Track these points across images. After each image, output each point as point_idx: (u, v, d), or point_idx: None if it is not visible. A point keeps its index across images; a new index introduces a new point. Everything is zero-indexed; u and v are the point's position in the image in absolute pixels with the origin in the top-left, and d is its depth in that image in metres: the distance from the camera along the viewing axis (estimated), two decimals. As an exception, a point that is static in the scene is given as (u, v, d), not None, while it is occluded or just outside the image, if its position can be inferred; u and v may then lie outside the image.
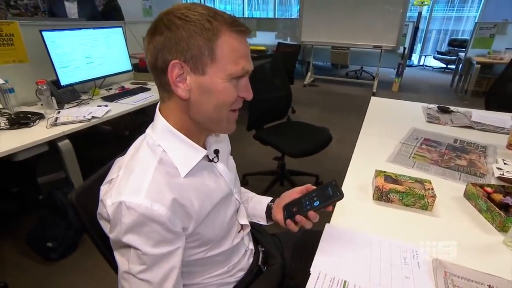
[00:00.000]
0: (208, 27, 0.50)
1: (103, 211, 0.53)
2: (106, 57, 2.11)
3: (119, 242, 0.51)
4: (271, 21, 6.71)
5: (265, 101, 2.02)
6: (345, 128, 3.33)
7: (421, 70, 7.35)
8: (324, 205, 0.68)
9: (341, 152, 1.48)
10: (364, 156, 1.17)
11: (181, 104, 0.56)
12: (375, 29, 4.75)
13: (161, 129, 0.58)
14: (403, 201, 0.87)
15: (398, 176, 0.94)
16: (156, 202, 0.50)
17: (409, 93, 5.14)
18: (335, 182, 0.70)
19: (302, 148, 1.83)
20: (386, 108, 1.86)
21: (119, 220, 0.49)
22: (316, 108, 4.25)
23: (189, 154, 0.58)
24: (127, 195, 0.49)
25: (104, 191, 0.56)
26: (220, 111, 0.56)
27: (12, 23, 1.70)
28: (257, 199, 0.85)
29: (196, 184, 0.59)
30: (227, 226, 0.67)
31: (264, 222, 0.81)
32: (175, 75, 0.52)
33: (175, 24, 0.50)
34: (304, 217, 0.68)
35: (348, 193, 0.92)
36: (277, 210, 0.77)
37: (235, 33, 0.53)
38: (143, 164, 0.54)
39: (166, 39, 0.51)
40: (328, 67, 7.17)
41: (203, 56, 0.51)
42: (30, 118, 1.51)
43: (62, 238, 1.55)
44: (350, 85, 5.61)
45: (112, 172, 0.59)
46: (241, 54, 0.54)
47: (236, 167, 0.78)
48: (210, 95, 0.54)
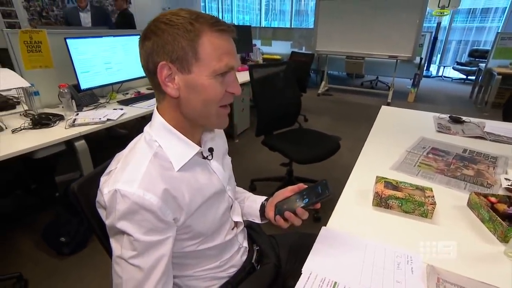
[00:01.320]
0: (190, 29, 0.54)
1: (101, 199, 0.57)
2: (124, 63, 2.22)
3: (114, 228, 0.54)
4: (287, 30, 6.78)
5: (275, 107, 2.05)
6: (357, 137, 3.26)
7: (439, 81, 7.19)
8: (312, 202, 0.69)
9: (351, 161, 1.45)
10: (368, 163, 1.17)
11: (173, 103, 0.59)
12: (390, 39, 4.73)
13: (158, 126, 0.61)
14: (402, 207, 0.86)
15: (399, 183, 0.94)
16: (149, 191, 0.53)
17: (425, 103, 5.04)
18: (325, 181, 0.71)
19: (308, 155, 1.83)
20: (396, 117, 1.85)
21: (114, 207, 0.53)
22: (329, 117, 4.24)
23: (183, 149, 0.61)
24: (122, 184, 0.53)
25: (103, 181, 0.59)
26: (208, 107, 0.59)
27: (41, 31, 1.82)
28: (253, 198, 0.87)
29: (189, 178, 0.61)
30: (219, 222, 0.69)
31: (259, 220, 0.83)
32: (164, 76, 0.56)
33: (160, 29, 0.54)
34: (293, 214, 0.69)
35: (348, 198, 0.93)
36: (269, 208, 0.79)
37: (217, 32, 0.55)
38: (139, 157, 0.57)
39: (154, 43, 0.55)
40: (343, 77, 7.15)
41: (187, 56, 0.54)
42: (51, 119, 1.61)
43: (74, 234, 1.62)
44: (365, 95, 5.56)
45: (111, 164, 0.63)
46: (224, 51, 0.56)
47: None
48: (197, 92, 0.57)
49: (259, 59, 4.54)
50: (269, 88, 2.04)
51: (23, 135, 1.46)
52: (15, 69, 1.76)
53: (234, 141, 3.19)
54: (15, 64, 1.77)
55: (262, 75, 1.99)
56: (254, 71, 1.93)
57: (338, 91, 5.71)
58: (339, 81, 6.53)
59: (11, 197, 2.06)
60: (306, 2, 8.87)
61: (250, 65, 1.98)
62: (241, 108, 3.25)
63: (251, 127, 3.48)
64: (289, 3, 8.97)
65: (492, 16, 7.05)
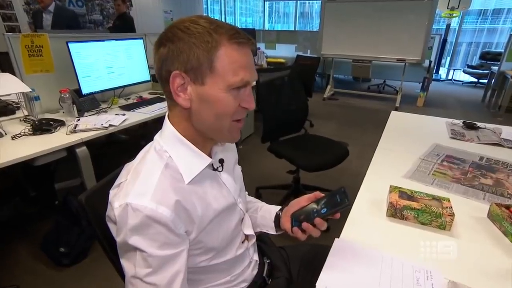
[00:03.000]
0: (208, 40, 0.54)
1: (111, 213, 0.56)
2: (126, 67, 2.23)
3: (125, 245, 0.54)
4: (291, 33, 6.82)
5: (280, 113, 2.05)
6: (365, 143, 3.29)
7: (449, 85, 7.17)
8: (331, 212, 0.68)
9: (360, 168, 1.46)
10: (379, 172, 1.16)
11: (184, 113, 0.59)
12: (398, 41, 4.74)
13: (168, 135, 0.61)
14: (418, 219, 0.85)
15: (414, 192, 0.93)
16: (161, 204, 0.52)
17: (435, 108, 5.02)
18: (344, 189, 0.70)
19: (316, 162, 1.82)
20: (407, 123, 1.83)
21: (125, 222, 0.52)
22: (335, 122, 4.23)
23: (193, 161, 0.61)
24: (133, 197, 0.52)
25: (113, 194, 0.59)
26: (220, 121, 0.59)
27: (42, 35, 1.85)
28: (266, 208, 0.86)
29: (199, 191, 0.61)
30: (231, 236, 0.68)
31: (273, 232, 0.82)
32: (176, 85, 0.56)
33: (177, 37, 0.54)
34: (311, 225, 0.68)
35: (361, 208, 0.92)
36: (285, 219, 0.77)
37: (235, 44, 0.55)
38: (150, 168, 0.57)
39: (169, 51, 0.55)
40: (349, 81, 7.15)
41: (202, 67, 0.54)
42: (52, 124, 1.62)
43: (74, 244, 1.61)
44: (372, 99, 5.56)
45: (121, 176, 0.62)
46: (241, 65, 0.56)
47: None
48: (209, 105, 0.57)
49: (263, 63, 4.56)
50: (275, 93, 2.04)
51: (23, 142, 1.46)
52: (16, 73, 1.78)
53: (238, 147, 3.12)
54: (15, 69, 1.79)
55: (267, 79, 1.99)
56: (259, 76, 1.92)
57: (344, 95, 5.70)
58: (345, 85, 6.52)
59: (9, 205, 2.06)
60: (310, 4, 8.94)
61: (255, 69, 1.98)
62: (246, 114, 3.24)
63: (256, 132, 3.48)
64: (293, 5, 9.04)
65: (505, 17, 7.04)
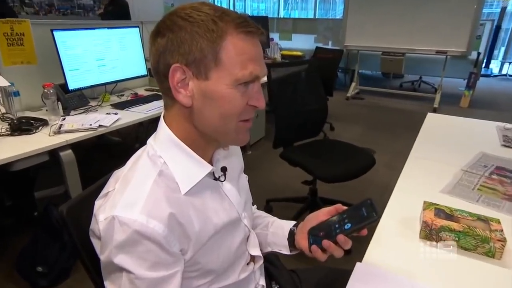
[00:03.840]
0: (213, 28, 0.54)
1: (95, 227, 0.56)
2: (120, 60, 2.28)
3: (110, 265, 0.53)
4: (310, 22, 6.87)
5: (296, 114, 2.05)
6: (395, 151, 3.26)
7: (502, 81, 7.04)
8: (357, 227, 0.66)
9: (389, 180, 1.45)
10: (412, 184, 1.15)
11: (184, 112, 0.59)
12: (438, 30, 4.65)
13: (164, 139, 0.61)
14: (459, 243, 0.83)
15: (454, 211, 0.90)
16: (153, 218, 0.52)
17: (483, 109, 4.93)
18: (371, 200, 0.69)
19: (336, 171, 1.81)
20: (447, 127, 1.81)
21: (110, 237, 0.52)
22: (360, 126, 4.21)
23: (192, 168, 0.61)
24: (120, 209, 0.52)
25: (98, 206, 0.59)
26: (226, 121, 0.59)
27: (24, 22, 1.90)
28: (278, 224, 0.86)
29: (198, 204, 0.61)
30: (233, 256, 0.68)
31: (287, 251, 0.81)
32: (176, 80, 0.56)
33: (177, 25, 0.54)
34: (333, 243, 0.67)
35: (388, 227, 0.91)
36: (301, 236, 0.76)
37: (243, 34, 0.55)
38: (141, 176, 0.57)
39: (168, 41, 0.55)
40: (377, 77, 7.12)
41: (206, 59, 0.54)
42: (33, 124, 1.65)
43: (54, 262, 1.63)
44: (405, 99, 5.50)
45: (108, 185, 0.62)
46: (249, 57, 0.56)
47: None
48: (214, 102, 0.57)
49: (277, 56, 4.58)
50: (289, 91, 2.04)
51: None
52: (-8, 65, 1.82)
53: (246, 153, 3.19)
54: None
55: (281, 75, 2.00)
56: (272, 71, 1.93)
57: (371, 94, 5.67)
58: (373, 82, 6.49)
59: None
60: (333, -12, 8.97)
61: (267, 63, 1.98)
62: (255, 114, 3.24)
63: (267, 136, 3.48)
64: (312, -11, 9.09)
65: None
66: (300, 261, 0.76)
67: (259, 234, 0.85)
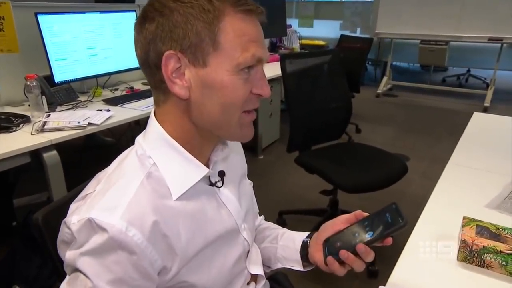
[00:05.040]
0: (209, 8, 0.54)
1: (65, 233, 0.57)
2: (114, 49, 2.32)
3: (72, 265, 0.54)
4: (335, 5, 6.82)
5: (314, 113, 2.05)
6: (434, 158, 3.22)
7: None
8: (380, 236, 0.66)
9: (426, 191, 1.41)
10: (450, 197, 1.14)
11: (180, 106, 0.60)
12: (491, 12, 4.57)
13: (154, 137, 0.62)
14: (507, 268, 0.81)
15: (502, 230, 0.88)
16: (133, 226, 0.52)
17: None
18: (396, 205, 0.68)
19: (361, 180, 1.81)
20: (497, 129, 1.79)
21: (82, 240, 0.53)
22: (392, 128, 4.20)
23: (186, 171, 0.61)
24: (99, 212, 0.53)
25: (73, 209, 0.60)
26: (228, 113, 0.59)
27: (4, 4, 1.92)
28: (289, 236, 0.85)
29: (190, 210, 0.61)
30: (229, 275, 0.68)
31: (299, 267, 0.80)
32: (170, 69, 0.56)
33: (168, 8, 0.55)
34: (352, 254, 0.66)
35: (419, 246, 0.90)
36: (315, 248, 0.76)
37: (241, 13, 0.56)
38: (127, 177, 0.58)
39: (159, 27, 0.55)
40: (414, 70, 7.08)
41: (203, 43, 0.55)
42: (13, 121, 1.69)
43: (34, 280, 1.65)
44: (448, 96, 5.44)
45: (88, 187, 0.63)
46: (250, 38, 0.57)
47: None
48: (214, 92, 0.57)
49: (295, 45, 4.58)
50: (308, 87, 2.04)
51: (-25, 142, 1.53)
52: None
53: (257, 158, 3.21)
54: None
55: (298, 68, 1.99)
56: (288, 63, 1.93)
57: (406, 90, 5.64)
58: (409, 77, 6.44)
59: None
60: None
61: (282, 54, 1.99)
62: (269, 112, 3.26)
63: (282, 138, 3.49)
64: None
65: None
66: (314, 282, 0.75)
67: (267, 248, 0.86)
